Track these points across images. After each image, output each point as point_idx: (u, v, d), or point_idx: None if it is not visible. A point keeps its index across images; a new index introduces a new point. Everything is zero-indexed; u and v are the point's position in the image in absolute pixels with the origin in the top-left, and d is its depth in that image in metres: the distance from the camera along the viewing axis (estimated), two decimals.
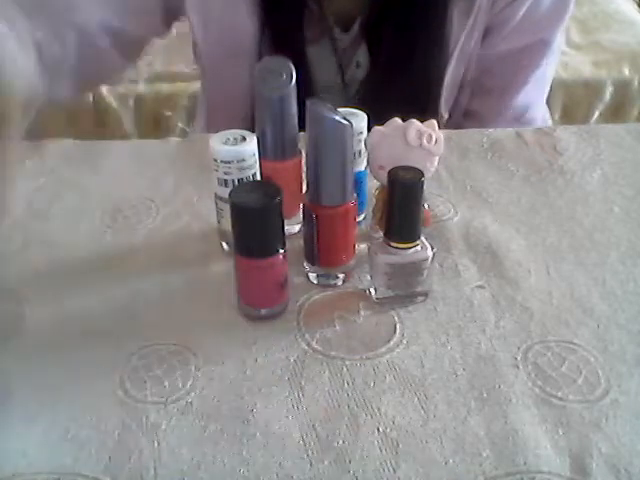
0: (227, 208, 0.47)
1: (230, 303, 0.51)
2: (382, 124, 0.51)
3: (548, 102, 0.88)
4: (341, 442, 0.41)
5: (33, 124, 0.61)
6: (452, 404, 0.44)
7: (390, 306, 0.51)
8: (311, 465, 0.40)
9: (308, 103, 0.46)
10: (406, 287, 0.50)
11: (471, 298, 0.52)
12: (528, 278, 0.53)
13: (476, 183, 0.65)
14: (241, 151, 0.50)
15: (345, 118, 0.46)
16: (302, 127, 0.49)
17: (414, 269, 0.50)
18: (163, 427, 0.42)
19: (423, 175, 0.46)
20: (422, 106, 0.76)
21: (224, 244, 0.56)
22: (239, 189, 0.48)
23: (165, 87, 1.29)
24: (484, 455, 0.40)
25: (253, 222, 0.46)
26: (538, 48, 0.79)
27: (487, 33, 0.77)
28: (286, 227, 0.48)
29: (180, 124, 1.29)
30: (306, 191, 0.50)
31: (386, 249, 0.49)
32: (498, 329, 0.49)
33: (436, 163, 0.51)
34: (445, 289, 0.52)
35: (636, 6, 1.57)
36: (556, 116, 1.23)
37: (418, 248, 0.49)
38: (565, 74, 1.24)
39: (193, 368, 0.46)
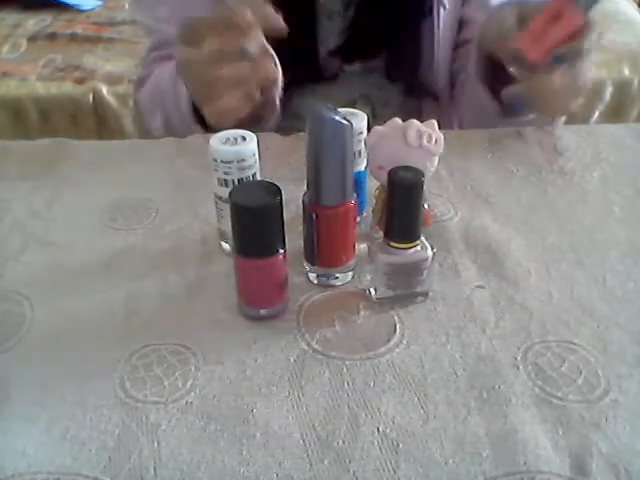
0: (227, 208, 0.46)
1: (230, 303, 0.51)
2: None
3: None
4: (341, 442, 0.41)
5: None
6: (452, 404, 0.44)
7: (390, 306, 0.51)
8: (311, 465, 0.40)
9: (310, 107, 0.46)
10: (406, 287, 0.50)
11: (471, 298, 0.52)
12: (528, 278, 0.53)
13: (476, 183, 0.65)
14: (241, 151, 0.50)
15: (345, 118, 0.46)
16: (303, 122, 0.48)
17: (414, 269, 0.50)
18: (163, 427, 0.42)
19: (423, 175, 0.47)
20: None
21: (224, 244, 0.56)
22: (239, 189, 0.48)
23: None
24: (484, 455, 0.40)
25: (253, 222, 0.46)
26: None
27: None
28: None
29: None
30: (306, 191, 0.50)
31: (386, 249, 0.49)
32: (498, 329, 0.49)
33: (436, 163, 0.51)
34: (445, 289, 0.52)
35: (636, 6, 1.58)
36: None
37: (418, 248, 0.49)
38: None
39: (193, 368, 0.46)
